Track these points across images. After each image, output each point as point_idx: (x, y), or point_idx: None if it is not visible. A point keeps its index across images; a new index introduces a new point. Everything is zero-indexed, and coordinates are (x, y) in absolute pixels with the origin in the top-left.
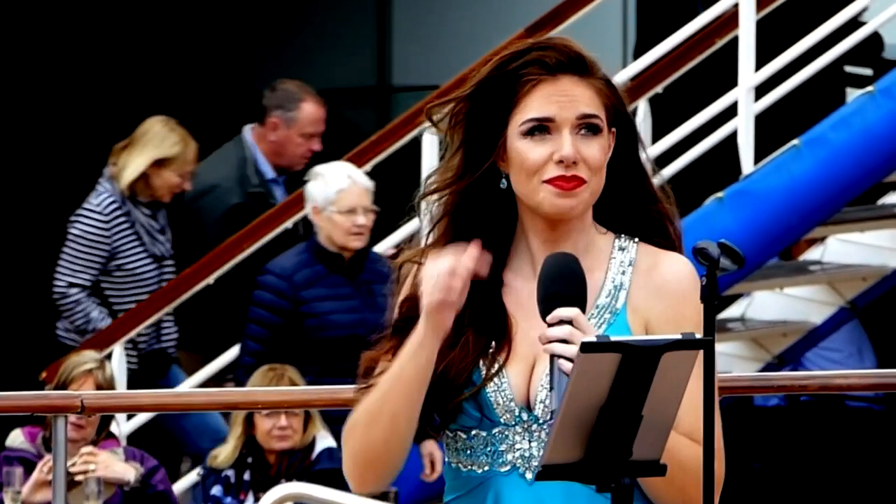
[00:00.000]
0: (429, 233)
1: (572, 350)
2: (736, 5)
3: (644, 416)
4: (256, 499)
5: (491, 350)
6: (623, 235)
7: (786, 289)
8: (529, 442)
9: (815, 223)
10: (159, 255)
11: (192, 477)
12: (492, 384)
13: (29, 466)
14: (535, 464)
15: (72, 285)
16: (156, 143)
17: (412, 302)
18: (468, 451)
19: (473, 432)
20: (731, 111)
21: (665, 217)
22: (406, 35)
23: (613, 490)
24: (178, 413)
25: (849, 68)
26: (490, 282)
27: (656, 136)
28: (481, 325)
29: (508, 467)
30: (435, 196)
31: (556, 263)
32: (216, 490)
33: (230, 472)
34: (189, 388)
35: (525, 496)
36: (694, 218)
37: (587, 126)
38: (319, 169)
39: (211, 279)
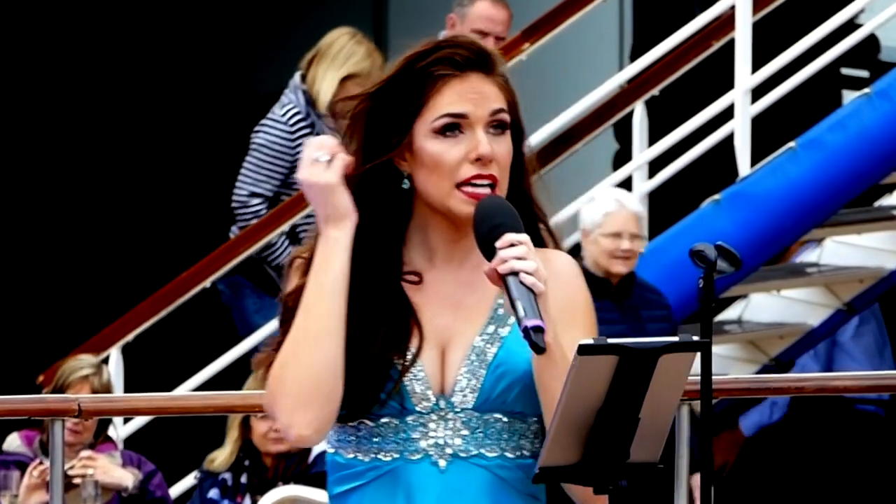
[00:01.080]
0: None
1: (531, 265)
2: (732, 7)
3: (641, 418)
4: (253, 501)
5: (401, 340)
6: None
7: (783, 291)
8: (444, 430)
9: (811, 225)
10: None
11: (190, 480)
12: (408, 374)
13: (26, 470)
14: (449, 451)
15: (253, 195)
16: (344, 58)
17: (298, 294)
18: (374, 440)
19: (383, 420)
20: (727, 113)
21: (539, 218)
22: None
23: (611, 492)
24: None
25: (845, 70)
26: (389, 274)
27: (653, 139)
28: (387, 315)
29: (420, 455)
30: None
31: (492, 203)
32: (213, 493)
33: (227, 476)
34: (186, 391)
35: (438, 484)
36: (691, 220)
37: (498, 123)
38: (592, 192)
39: (207, 282)
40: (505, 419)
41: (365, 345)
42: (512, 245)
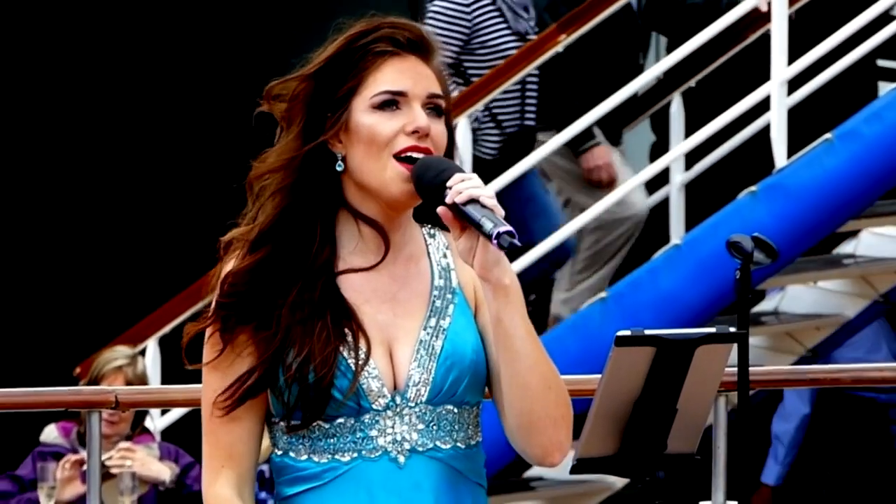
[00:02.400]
0: (256, 210)
1: (489, 190)
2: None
3: (678, 409)
4: None
5: (348, 339)
6: (427, 225)
7: (819, 282)
8: (401, 425)
9: (847, 217)
10: (522, 33)
11: None
12: (363, 372)
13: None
14: (407, 446)
15: None
16: None
17: (236, 278)
18: (328, 440)
19: (338, 420)
20: (763, 105)
21: None
22: None
23: (648, 483)
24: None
25: (881, 62)
26: (325, 272)
27: (689, 131)
28: (328, 317)
29: (379, 453)
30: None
31: (430, 158)
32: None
33: (265, 467)
34: None
35: (399, 480)
36: (727, 212)
37: (434, 107)
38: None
39: None
40: (455, 410)
41: (311, 349)
42: (463, 181)
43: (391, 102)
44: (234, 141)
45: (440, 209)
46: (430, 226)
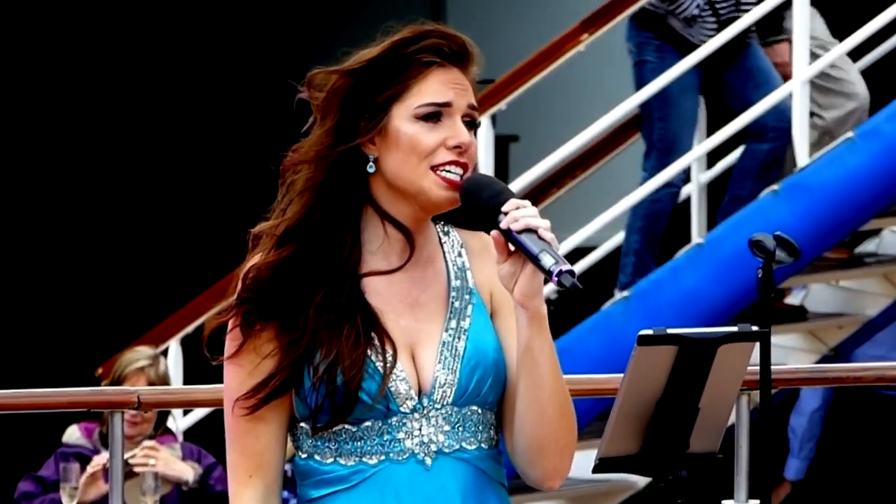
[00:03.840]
0: (286, 204)
1: (546, 223)
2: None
3: (701, 408)
4: None
5: (375, 342)
6: (440, 222)
7: (841, 281)
8: (428, 427)
9: (870, 215)
10: None
11: None
12: (391, 375)
13: (86, 462)
14: (434, 448)
15: None
16: None
17: (259, 273)
18: (355, 444)
19: (366, 424)
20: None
21: None
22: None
23: (670, 482)
24: None
25: None
26: (351, 275)
27: (711, 130)
28: (356, 319)
29: (406, 455)
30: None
31: (482, 176)
32: None
33: (287, 467)
34: None
35: (426, 482)
36: (749, 211)
37: (471, 118)
38: None
39: None
40: (479, 411)
41: (339, 351)
42: (518, 208)
43: (435, 114)
44: (256, 140)
45: (494, 233)
46: (443, 223)
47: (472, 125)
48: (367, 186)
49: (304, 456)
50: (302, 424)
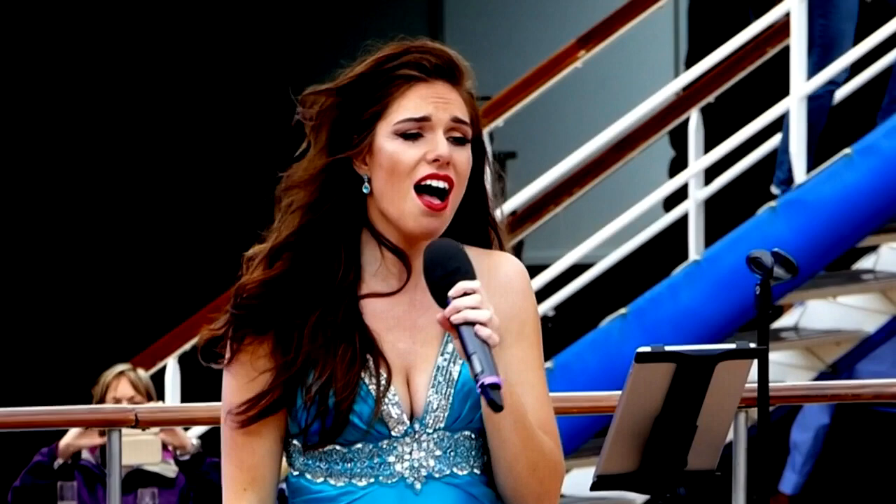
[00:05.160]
0: (281, 225)
1: (486, 314)
2: (787, 14)
3: (699, 426)
4: None
5: (369, 364)
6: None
7: (839, 297)
8: (418, 451)
9: (867, 232)
10: None
11: None
12: (384, 399)
13: (90, 476)
14: (424, 473)
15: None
16: None
17: (250, 289)
18: (345, 465)
19: (356, 446)
20: (783, 121)
21: (494, 225)
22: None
23: (668, 500)
24: None
25: None
26: (348, 295)
27: (708, 146)
28: (353, 339)
29: (396, 479)
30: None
31: (441, 246)
32: None
33: (283, 486)
34: None
35: None
36: (747, 227)
37: (458, 133)
38: None
39: None
40: (472, 436)
41: (333, 371)
42: (466, 294)
43: (414, 130)
44: (252, 159)
45: (438, 316)
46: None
47: (461, 141)
48: (364, 208)
49: (295, 473)
50: (294, 442)
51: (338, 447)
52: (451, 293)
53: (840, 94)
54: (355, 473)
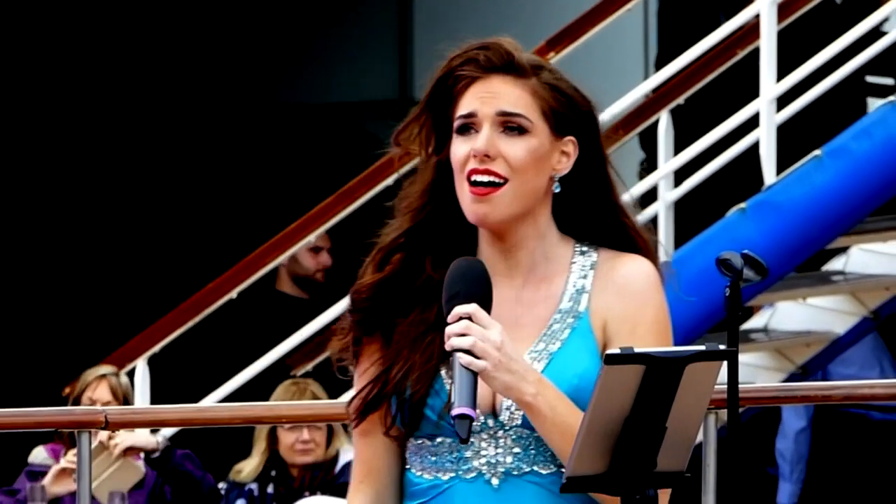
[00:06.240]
0: (387, 230)
1: (468, 342)
2: (757, 16)
3: (668, 427)
4: None
5: (452, 359)
6: (586, 242)
7: (809, 299)
8: (495, 448)
9: (837, 233)
10: None
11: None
12: None
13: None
14: (501, 469)
15: None
16: None
17: (360, 292)
18: (433, 459)
19: (438, 440)
20: (752, 122)
21: (631, 228)
22: (427, 47)
23: (638, 501)
24: None
25: (870, 78)
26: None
27: (678, 148)
28: (435, 335)
29: (474, 474)
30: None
31: (459, 266)
32: (240, 503)
33: (254, 486)
34: (213, 402)
35: (492, 502)
36: (717, 229)
37: (510, 124)
38: None
39: (234, 293)
40: None
41: (412, 364)
42: (460, 318)
43: (466, 126)
44: (227, 162)
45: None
46: (586, 242)
47: (514, 131)
48: None
49: (407, 466)
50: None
51: (426, 441)
52: (448, 318)
53: (809, 95)
54: (440, 467)
